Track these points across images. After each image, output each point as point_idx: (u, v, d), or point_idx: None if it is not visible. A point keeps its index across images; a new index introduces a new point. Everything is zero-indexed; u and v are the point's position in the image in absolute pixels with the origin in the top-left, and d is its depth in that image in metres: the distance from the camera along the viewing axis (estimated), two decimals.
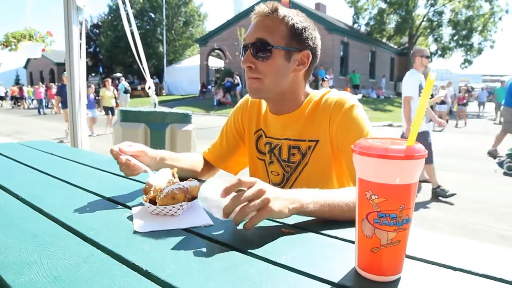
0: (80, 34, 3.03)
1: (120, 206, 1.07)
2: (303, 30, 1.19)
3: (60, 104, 10.31)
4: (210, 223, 0.92)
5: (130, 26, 3.20)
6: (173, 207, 0.95)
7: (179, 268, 0.70)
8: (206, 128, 10.22)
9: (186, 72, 27.10)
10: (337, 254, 0.78)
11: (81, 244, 0.80)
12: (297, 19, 1.19)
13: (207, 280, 0.65)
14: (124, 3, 3.09)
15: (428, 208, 4.38)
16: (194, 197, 1.00)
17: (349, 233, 0.86)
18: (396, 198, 0.60)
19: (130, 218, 0.96)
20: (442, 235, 0.87)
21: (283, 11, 1.18)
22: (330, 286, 0.64)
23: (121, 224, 0.92)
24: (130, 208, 1.04)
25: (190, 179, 1.06)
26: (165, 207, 0.95)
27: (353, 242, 0.80)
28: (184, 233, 0.87)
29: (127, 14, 3.14)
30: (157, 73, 28.85)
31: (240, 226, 0.86)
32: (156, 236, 0.85)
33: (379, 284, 0.64)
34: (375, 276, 0.65)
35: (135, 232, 0.87)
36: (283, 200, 0.86)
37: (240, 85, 18.28)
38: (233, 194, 0.83)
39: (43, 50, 3.56)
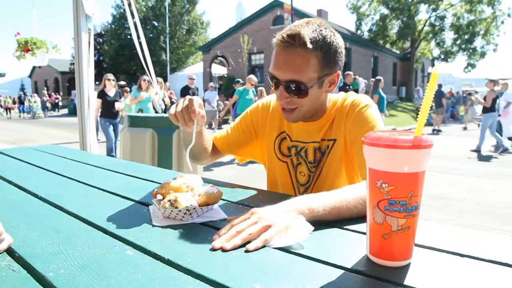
0: (89, 42, 3.10)
1: (136, 203, 1.10)
2: (334, 53, 1.16)
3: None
4: (225, 217, 0.96)
5: (139, 38, 3.27)
6: (180, 211, 0.92)
7: (199, 257, 0.73)
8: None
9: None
10: (349, 243, 0.81)
11: (103, 237, 0.84)
12: (325, 42, 1.13)
13: (226, 267, 0.69)
14: (132, 15, 3.16)
15: (431, 210, 4.39)
16: (208, 204, 0.98)
17: (359, 225, 0.90)
18: (405, 185, 0.64)
19: (148, 213, 1.00)
20: (449, 226, 0.90)
21: (310, 39, 1.10)
22: (343, 271, 0.67)
23: (140, 219, 0.96)
24: (146, 205, 1.08)
25: (211, 185, 1.04)
26: (172, 211, 0.93)
27: (363, 233, 0.84)
28: (201, 227, 0.91)
29: (135, 23, 3.21)
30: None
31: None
32: (174, 229, 0.89)
33: (390, 269, 0.68)
34: (386, 262, 0.68)
35: (153, 226, 0.91)
36: (284, 215, 0.85)
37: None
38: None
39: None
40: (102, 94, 6.69)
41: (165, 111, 8.38)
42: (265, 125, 1.45)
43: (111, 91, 6.77)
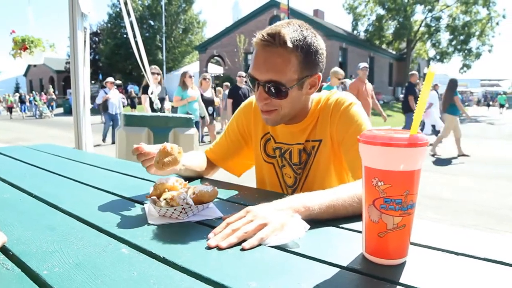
0: (85, 40, 3.08)
1: (132, 202, 1.10)
2: (314, 54, 1.14)
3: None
4: (220, 216, 0.96)
5: (135, 37, 3.26)
6: (175, 209, 0.92)
7: (194, 255, 0.73)
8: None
9: None
10: (344, 242, 0.81)
11: (98, 235, 0.84)
12: (306, 43, 1.11)
13: (221, 265, 0.69)
14: (128, 14, 3.15)
15: (427, 211, 4.41)
16: (203, 202, 0.98)
17: (354, 223, 0.90)
18: (401, 184, 0.64)
19: (143, 212, 1.00)
20: (445, 225, 0.90)
21: (291, 39, 1.08)
22: (339, 269, 0.67)
23: (135, 218, 0.96)
24: (142, 203, 1.08)
25: (206, 183, 1.05)
26: (167, 209, 0.93)
27: (358, 232, 0.84)
28: (197, 226, 0.91)
29: (131, 22, 3.20)
30: None
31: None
32: (170, 228, 0.88)
33: (385, 267, 0.68)
34: (382, 260, 0.68)
35: (149, 224, 0.90)
36: (280, 213, 0.85)
37: None
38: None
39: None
40: (148, 91, 5.51)
41: (212, 114, 7.61)
42: (250, 127, 1.43)
43: (157, 88, 5.69)
